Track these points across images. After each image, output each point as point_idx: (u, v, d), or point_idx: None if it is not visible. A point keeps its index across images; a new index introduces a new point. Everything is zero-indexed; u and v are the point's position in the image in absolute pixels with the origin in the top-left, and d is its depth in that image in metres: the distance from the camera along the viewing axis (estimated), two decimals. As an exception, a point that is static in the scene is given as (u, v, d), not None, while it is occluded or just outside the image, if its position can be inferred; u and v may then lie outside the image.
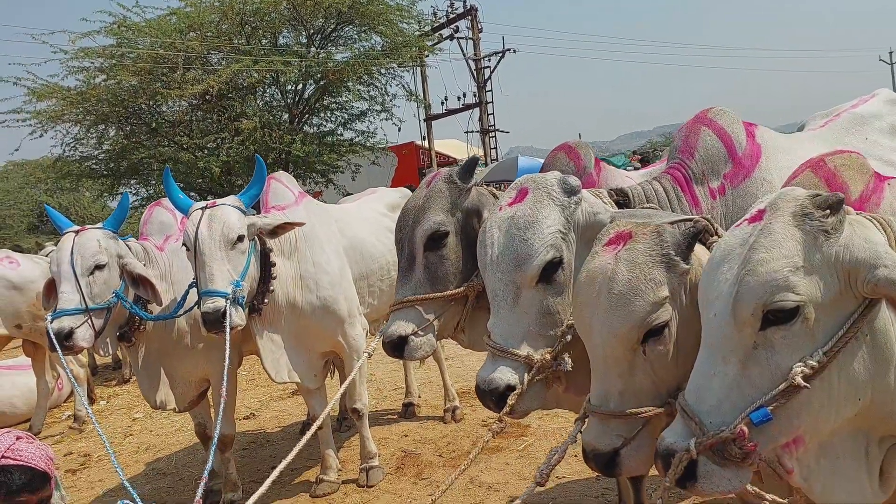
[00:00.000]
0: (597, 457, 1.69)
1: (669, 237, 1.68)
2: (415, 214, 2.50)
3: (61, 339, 3.35)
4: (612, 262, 1.68)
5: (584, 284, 1.74)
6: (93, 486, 5.01)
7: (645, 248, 1.68)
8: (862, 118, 3.19)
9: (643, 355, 1.66)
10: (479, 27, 22.44)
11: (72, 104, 13.62)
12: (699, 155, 2.58)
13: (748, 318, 1.37)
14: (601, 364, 1.71)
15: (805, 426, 1.39)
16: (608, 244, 1.74)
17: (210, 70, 14.27)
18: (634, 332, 1.64)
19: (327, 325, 4.05)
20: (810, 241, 1.38)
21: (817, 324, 1.38)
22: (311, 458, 4.76)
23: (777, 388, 1.36)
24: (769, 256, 1.37)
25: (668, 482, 1.41)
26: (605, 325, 1.66)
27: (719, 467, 1.38)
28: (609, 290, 1.66)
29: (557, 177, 2.11)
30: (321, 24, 15.74)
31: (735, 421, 1.36)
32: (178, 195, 3.65)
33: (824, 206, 1.40)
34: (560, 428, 4.83)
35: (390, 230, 4.72)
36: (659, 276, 1.64)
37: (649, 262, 1.65)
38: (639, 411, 1.65)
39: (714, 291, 1.45)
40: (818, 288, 1.37)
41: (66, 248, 3.53)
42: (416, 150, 22.90)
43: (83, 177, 15.26)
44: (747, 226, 1.47)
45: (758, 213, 1.48)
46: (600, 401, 1.70)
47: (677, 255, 1.66)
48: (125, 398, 7.47)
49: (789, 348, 1.37)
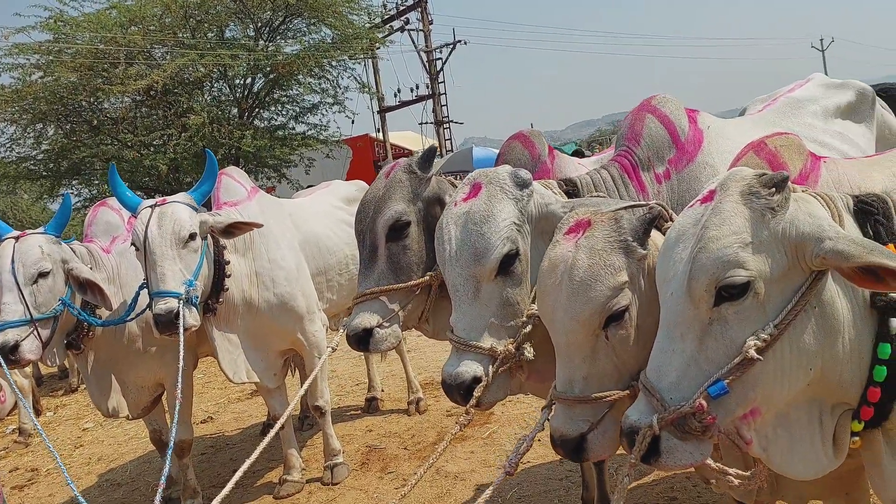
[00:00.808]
0: (564, 442, 1.71)
1: (626, 223, 1.73)
2: (375, 205, 2.48)
3: (6, 353, 3.19)
4: (573, 250, 1.72)
5: (546, 272, 1.77)
6: (42, 501, 4.83)
7: (603, 234, 1.72)
8: (798, 102, 3.31)
9: (605, 340, 1.69)
10: (429, 19, 22.37)
11: (6, 102, 13.07)
12: (644, 142, 2.65)
13: (702, 294, 1.42)
14: (565, 350, 1.73)
15: (760, 397, 1.44)
16: (568, 232, 1.78)
17: (154, 65, 13.85)
18: (596, 318, 1.67)
19: (285, 323, 3.96)
20: (758, 218, 1.43)
21: (767, 298, 1.42)
22: (273, 459, 4.68)
23: (732, 361, 1.41)
24: (719, 234, 1.42)
25: (634, 459, 1.45)
26: (567, 311, 1.69)
27: (681, 441, 1.42)
28: (570, 277, 1.69)
29: (509, 171, 2.14)
30: (269, 16, 15.42)
31: (694, 395, 1.40)
32: (126, 193, 3.51)
33: (770, 185, 1.45)
34: (523, 413, 4.85)
35: (346, 223, 4.67)
36: (617, 262, 1.68)
37: (607, 249, 1.70)
38: (603, 395, 1.69)
39: (670, 271, 1.49)
40: (767, 263, 1.42)
41: (6, 256, 3.35)
42: (371, 143, 22.73)
43: (21, 178, 14.69)
44: (699, 206, 1.52)
45: (709, 194, 1.52)
46: (565, 387, 1.73)
47: (634, 240, 1.71)
48: (73, 408, 7.23)
49: (742, 323, 1.42)
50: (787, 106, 3.25)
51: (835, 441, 1.55)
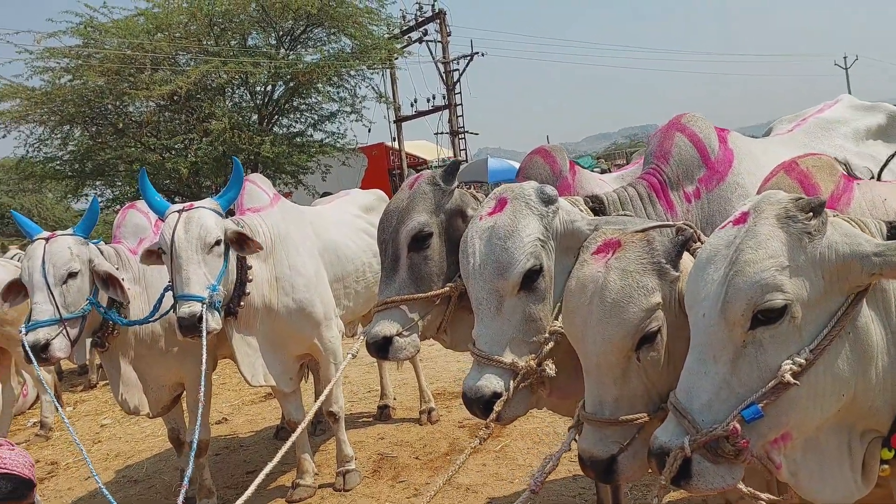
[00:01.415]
0: (595, 464, 1.70)
1: (659, 245, 1.73)
2: (399, 215, 2.51)
3: (38, 351, 3.29)
4: (603, 271, 1.71)
5: (575, 292, 1.76)
6: (61, 494, 4.90)
7: (635, 255, 1.71)
8: (828, 123, 3.28)
9: (637, 362, 1.69)
10: (447, 31, 22.48)
11: (36, 104, 13.35)
12: (674, 160, 2.63)
13: (738, 318, 1.41)
14: (595, 371, 1.73)
15: (792, 422, 1.43)
16: (596, 252, 1.78)
17: (178, 71, 14.08)
18: (629, 339, 1.67)
19: (303, 328, 4.03)
20: (795, 242, 1.43)
21: (804, 322, 1.42)
22: (286, 463, 4.72)
23: (766, 385, 1.40)
24: (756, 257, 1.41)
25: (664, 481, 1.43)
26: (598, 332, 1.68)
27: (713, 465, 1.41)
28: (602, 298, 1.69)
29: (535, 187, 2.15)
30: (290, 25, 15.64)
31: (727, 418, 1.39)
32: (155, 197, 3.61)
33: (807, 209, 1.45)
34: (536, 428, 4.88)
35: (365, 231, 4.74)
36: (651, 284, 1.68)
37: (640, 270, 1.69)
38: (634, 418, 1.68)
39: (701, 292, 1.48)
40: (804, 287, 1.41)
41: (38, 257, 3.44)
42: (386, 151, 22.85)
43: (47, 178, 14.97)
44: (732, 228, 1.50)
45: (741, 216, 1.51)
46: (595, 408, 1.72)
47: (668, 262, 1.71)
48: (92, 404, 7.33)
49: (777, 347, 1.41)
50: (817, 127, 3.23)
51: (864, 468, 1.54)
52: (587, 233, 2.10)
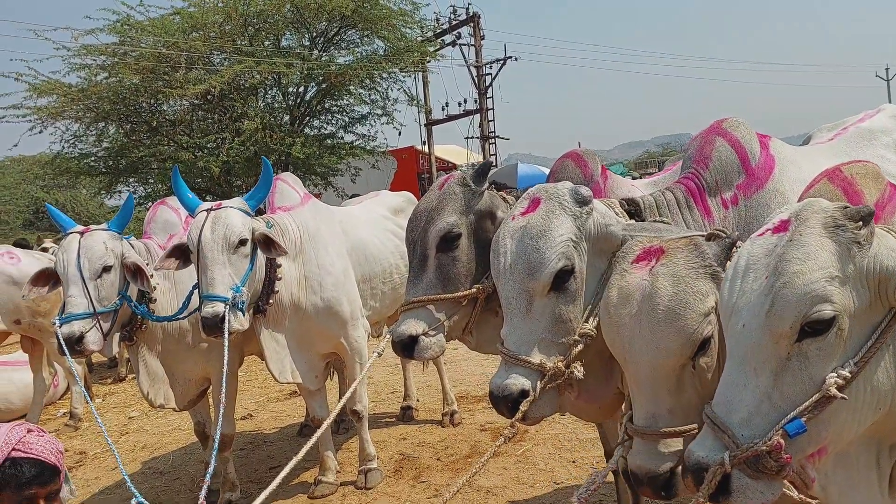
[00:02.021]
0: (652, 479, 1.65)
1: (709, 249, 1.70)
2: (428, 215, 2.51)
3: (72, 344, 3.35)
4: (649, 279, 1.68)
5: (618, 303, 1.71)
6: (89, 483, 4.99)
7: (685, 261, 1.68)
8: (870, 132, 3.22)
9: (692, 370, 1.65)
10: (481, 34, 22.46)
11: (72, 101, 13.61)
12: (713, 165, 2.59)
13: (786, 330, 1.37)
14: (648, 383, 1.67)
15: (831, 436, 1.40)
16: (637, 261, 1.74)
17: (212, 70, 14.28)
18: (688, 347, 1.62)
19: (330, 327, 4.05)
20: (844, 252, 1.39)
21: (849, 335, 1.39)
22: (309, 460, 4.75)
23: (810, 399, 1.36)
24: (805, 268, 1.37)
25: (702, 497, 1.40)
26: (652, 343, 1.64)
27: (753, 480, 1.37)
28: (652, 307, 1.64)
29: (569, 187, 2.13)
30: (324, 27, 15.78)
31: (770, 433, 1.36)
32: (188, 194, 3.65)
33: (856, 218, 1.41)
34: (558, 434, 4.84)
35: (393, 233, 4.76)
36: (705, 288, 1.65)
37: (693, 275, 1.66)
38: (691, 428, 1.63)
39: (740, 302, 1.44)
40: (852, 299, 1.38)
41: (73, 251, 3.51)
42: (416, 155, 22.91)
43: (81, 174, 15.25)
44: (771, 236, 1.47)
45: (781, 224, 1.47)
46: (648, 421, 1.67)
47: (719, 265, 1.68)
48: (121, 396, 7.45)
49: (823, 359, 1.38)
50: (858, 136, 3.17)
51: (891, 483, 1.51)
52: (620, 237, 2.08)
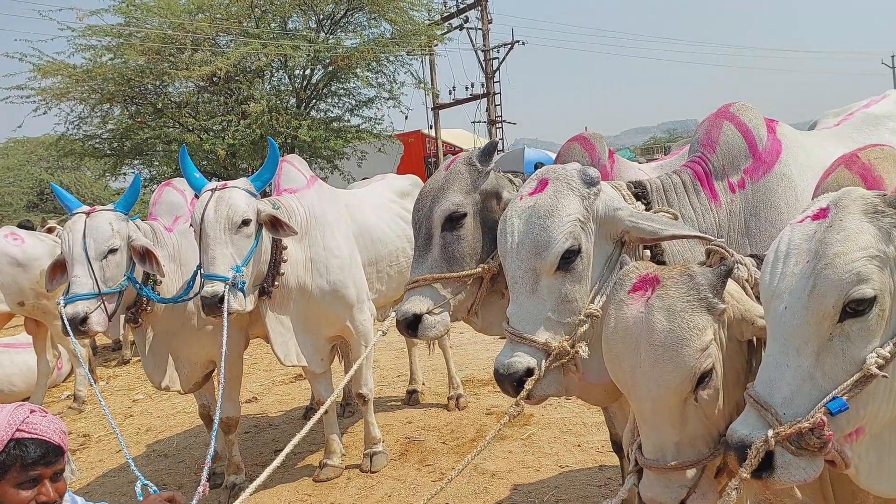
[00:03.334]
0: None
1: (702, 279, 1.66)
2: (433, 195, 2.49)
3: (76, 325, 3.33)
4: (645, 311, 1.65)
5: (618, 337, 1.69)
6: (93, 466, 5.02)
7: (680, 293, 1.64)
8: (876, 118, 3.20)
9: (694, 403, 1.63)
10: (488, 18, 22.28)
11: (77, 82, 13.53)
12: (720, 149, 2.57)
13: (828, 310, 1.41)
14: (651, 417, 1.67)
15: (869, 415, 1.44)
16: (633, 290, 1.71)
17: (218, 52, 14.18)
18: (687, 383, 1.61)
19: (336, 310, 4.04)
20: (884, 235, 1.43)
21: (890, 315, 1.43)
22: (314, 443, 4.77)
23: (851, 378, 1.40)
24: (845, 249, 1.41)
25: (745, 474, 1.42)
26: (652, 378, 1.63)
27: (795, 457, 1.40)
28: (650, 342, 1.62)
29: (577, 168, 2.11)
30: (331, 9, 15.64)
31: (812, 411, 1.39)
32: (194, 174, 3.63)
33: (895, 204, 1.46)
34: (563, 418, 4.84)
35: (399, 216, 4.73)
36: (701, 322, 1.62)
37: (688, 309, 1.62)
38: (698, 461, 1.64)
39: (782, 285, 1.48)
40: (892, 280, 1.43)
41: (78, 231, 3.48)
42: (423, 139, 22.83)
43: (86, 156, 15.18)
44: (811, 223, 1.50)
45: (820, 212, 1.51)
46: (656, 455, 1.67)
47: (714, 296, 1.64)
48: (125, 379, 7.48)
49: (863, 339, 1.42)
50: (864, 122, 3.16)
51: None
52: (628, 223, 2.06)
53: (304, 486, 4.25)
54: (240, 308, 3.38)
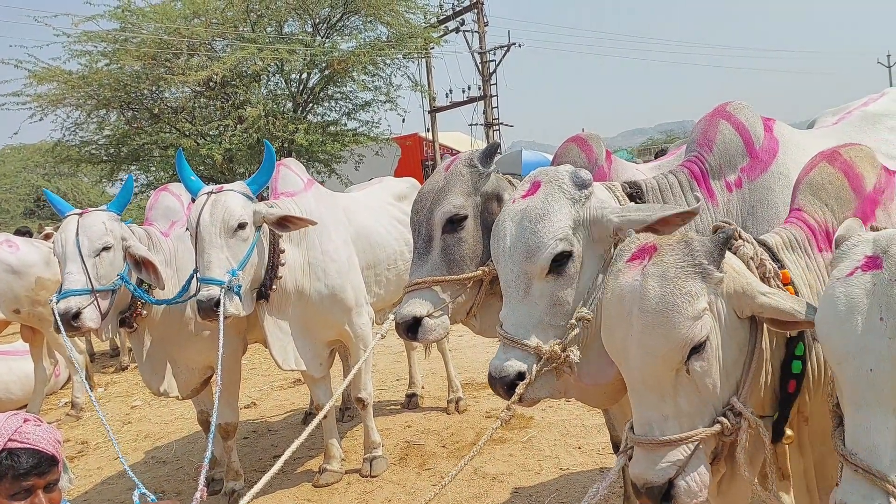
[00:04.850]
0: (650, 490, 1.60)
1: (699, 246, 1.61)
2: (434, 196, 2.48)
3: (68, 320, 3.32)
4: (640, 278, 1.60)
5: (612, 305, 1.65)
6: (90, 473, 4.98)
7: (674, 259, 1.60)
8: (874, 116, 3.20)
9: (686, 375, 1.58)
10: (485, 20, 22.31)
11: (73, 88, 13.54)
12: (717, 148, 2.56)
13: None
14: (640, 389, 1.62)
15: None
16: (631, 259, 1.67)
17: (214, 57, 14.19)
18: (677, 352, 1.56)
19: (334, 314, 4.02)
20: None
21: None
22: (314, 448, 4.74)
23: None
24: None
25: None
26: (642, 346, 1.58)
27: None
28: (642, 308, 1.58)
29: (569, 170, 2.11)
30: (327, 13, 15.67)
31: None
32: (191, 177, 3.62)
33: None
34: (563, 420, 4.82)
35: (397, 220, 4.71)
36: (694, 289, 1.56)
37: (681, 275, 1.57)
38: (689, 436, 1.58)
39: (857, 345, 1.43)
40: None
41: (71, 230, 3.49)
42: (420, 142, 22.82)
43: (82, 162, 15.20)
44: (863, 274, 1.45)
45: (869, 261, 1.46)
46: (644, 430, 1.61)
47: (710, 263, 1.59)
48: (123, 386, 7.45)
49: None
50: (862, 120, 3.15)
51: None
52: (616, 220, 2.05)
53: (304, 492, 4.23)
54: (236, 312, 3.36)
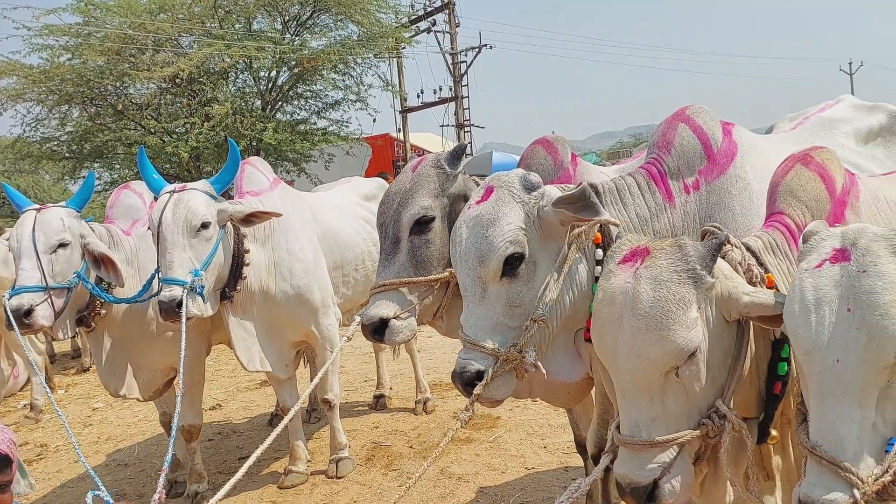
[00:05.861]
0: (634, 490, 1.62)
1: (692, 251, 1.63)
2: (401, 198, 2.49)
3: (20, 317, 3.24)
4: (632, 281, 1.61)
5: (604, 306, 1.66)
6: (50, 477, 4.87)
7: (668, 264, 1.61)
8: (830, 122, 3.29)
9: (676, 378, 1.60)
10: (456, 21, 22.29)
11: (34, 83, 13.23)
12: (675, 151, 2.60)
13: (889, 360, 1.39)
14: (630, 390, 1.63)
15: None
16: (623, 261, 1.68)
17: (181, 53, 13.98)
18: (670, 359, 1.57)
19: (300, 314, 3.98)
20: None
21: None
22: (279, 450, 4.70)
23: None
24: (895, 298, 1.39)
25: None
26: (633, 349, 1.59)
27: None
28: (634, 311, 1.58)
29: (520, 174, 2.15)
30: (297, 10, 15.55)
31: (886, 461, 1.39)
32: (153, 175, 3.56)
33: None
34: (530, 419, 4.85)
35: (365, 220, 4.69)
36: (687, 294, 1.57)
37: (675, 280, 1.58)
38: (675, 438, 1.60)
39: (822, 337, 1.44)
40: None
41: (28, 225, 3.41)
42: (391, 142, 22.73)
43: (44, 159, 14.83)
44: (832, 266, 1.47)
45: (838, 254, 1.47)
46: (631, 430, 1.63)
47: (703, 269, 1.61)
48: (84, 387, 7.30)
49: None
50: (819, 126, 3.23)
51: None
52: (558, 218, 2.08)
53: (269, 493, 4.19)
54: (199, 313, 3.31)
